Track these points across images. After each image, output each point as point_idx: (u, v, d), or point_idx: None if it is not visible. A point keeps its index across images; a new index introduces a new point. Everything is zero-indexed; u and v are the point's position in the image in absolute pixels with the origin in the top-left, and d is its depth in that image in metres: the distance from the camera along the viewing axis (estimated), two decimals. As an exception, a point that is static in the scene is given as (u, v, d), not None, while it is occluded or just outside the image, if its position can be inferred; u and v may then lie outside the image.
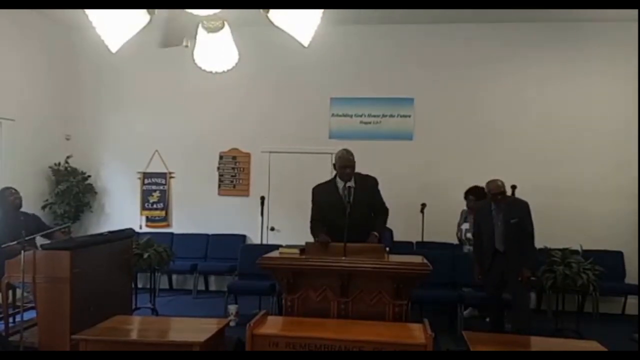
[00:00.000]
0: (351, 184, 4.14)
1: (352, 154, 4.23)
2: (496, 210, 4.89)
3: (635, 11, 5.69)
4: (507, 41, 6.78)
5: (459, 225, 6.09)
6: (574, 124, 6.62)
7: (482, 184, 5.19)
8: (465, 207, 6.09)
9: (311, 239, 4.08)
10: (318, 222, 4.27)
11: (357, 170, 4.26)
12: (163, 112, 7.32)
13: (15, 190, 5.12)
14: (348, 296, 3.62)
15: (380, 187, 4.35)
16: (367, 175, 4.31)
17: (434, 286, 5.20)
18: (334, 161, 4.32)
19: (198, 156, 7.28)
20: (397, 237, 6.29)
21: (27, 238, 4.46)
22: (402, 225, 6.36)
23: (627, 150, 6.45)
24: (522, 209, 4.87)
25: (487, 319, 5.86)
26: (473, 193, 5.92)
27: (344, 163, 4.19)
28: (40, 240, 4.75)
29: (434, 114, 6.89)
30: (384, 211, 4.32)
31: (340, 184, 4.21)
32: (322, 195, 4.31)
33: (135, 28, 2.46)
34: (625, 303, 6.34)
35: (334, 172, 4.34)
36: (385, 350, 3.04)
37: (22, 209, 5.20)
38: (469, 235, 5.87)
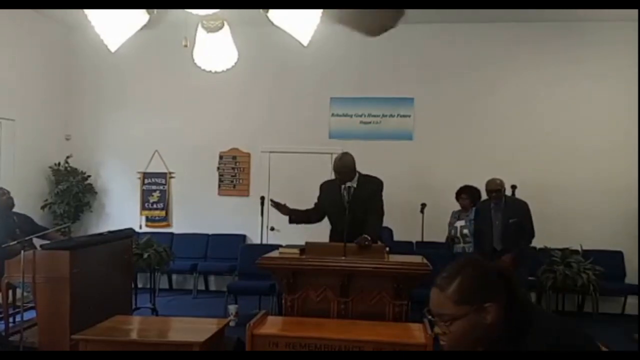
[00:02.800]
0: (352, 184, 4.14)
1: (348, 159, 4.19)
2: (495, 209, 4.90)
3: (635, 11, 5.69)
4: (507, 41, 6.78)
5: (452, 224, 6.08)
6: (574, 123, 6.62)
7: (481, 184, 5.20)
8: (455, 209, 6.11)
9: (311, 239, 4.07)
10: (308, 210, 4.38)
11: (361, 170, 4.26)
12: (163, 112, 7.32)
13: (7, 190, 5.11)
14: (348, 296, 3.62)
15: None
16: (372, 178, 4.27)
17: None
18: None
19: (198, 156, 7.28)
20: (397, 237, 6.29)
21: (26, 238, 4.47)
22: (402, 225, 6.36)
23: (627, 150, 6.44)
24: (521, 208, 4.89)
25: None
26: (465, 192, 5.95)
27: (336, 169, 4.21)
28: (37, 241, 4.76)
29: (434, 114, 6.88)
30: (376, 213, 4.19)
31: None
32: (326, 192, 4.33)
33: (134, 27, 2.45)
34: (625, 303, 6.34)
35: None
36: (385, 350, 3.04)
37: (21, 210, 5.20)
38: (466, 231, 5.89)
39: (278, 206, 4.16)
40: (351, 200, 4.00)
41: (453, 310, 1.43)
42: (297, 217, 4.35)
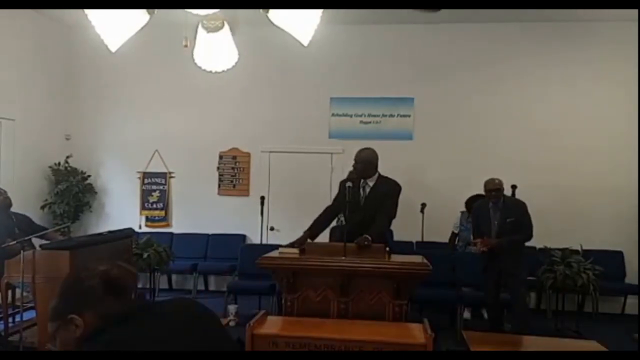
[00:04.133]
0: (350, 183, 4.14)
1: (368, 152, 4.22)
2: (493, 209, 4.90)
3: (635, 11, 5.69)
4: (508, 41, 6.78)
5: (464, 226, 6.04)
6: (574, 123, 6.62)
7: (481, 184, 5.18)
8: (460, 209, 6.09)
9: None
10: (325, 212, 4.34)
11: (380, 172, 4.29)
12: (162, 112, 7.32)
13: (3, 190, 5.11)
14: (348, 296, 3.62)
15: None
16: (390, 180, 4.26)
17: (434, 286, 5.20)
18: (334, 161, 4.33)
19: (198, 156, 7.28)
20: (397, 237, 6.27)
21: (26, 238, 4.46)
22: (402, 225, 6.31)
23: (627, 150, 6.45)
24: (519, 209, 4.88)
25: (485, 315, 5.86)
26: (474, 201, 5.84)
27: (355, 158, 4.25)
28: (37, 241, 4.75)
29: (434, 114, 6.88)
30: (384, 213, 4.15)
31: (361, 181, 4.21)
32: (342, 190, 4.33)
33: (135, 28, 2.45)
34: (625, 303, 6.34)
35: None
36: (385, 350, 3.04)
37: (21, 209, 5.20)
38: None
39: (297, 244, 3.98)
40: (365, 200, 4.03)
41: (49, 327, 1.45)
42: (317, 230, 4.23)
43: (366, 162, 4.20)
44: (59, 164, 7.19)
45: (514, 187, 5.90)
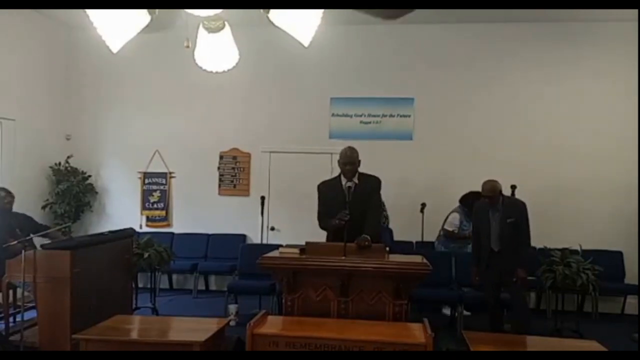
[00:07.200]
0: (351, 184, 4.15)
1: (355, 152, 4.23)
2: (492, 210, 4.88)
3: (635, 11, 5.70)
4: (508, 41, 6.78)
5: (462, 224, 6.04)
6: (573, 123, 6.63)
7: (480, 184, 5.17)
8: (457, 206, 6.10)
9: (311, 239, 4.08)
10: (325, 216, 4.29)
11: (360, 170, 4.28)
12: (163, 112, 7.33)
13: (6, 192, 5.07)
14: (348, 296, 3.62)
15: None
16: (370, 176, 4.30)
17: (434, 286, 5.20)
18: (338, 158, 4.30)
19: (198, 156, 7.28)
20: (397, 237, 6.30)
21: (27, 237, 4.47)
22: (402, 225, 6.38)
23: (627, 150, 6.45)
24: (518, 209, 4.87)
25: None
26: (472, 198, 5.82)
27: (344, 160, 4.21)
28: (38, 240, 4.76)
29: (434, 114, 6.89)
30: (375, 210, 4.22)
31: (344, 181, 4.22)
32: (326, 192, 4.32)
33: (137, 28, 2.46)
34: (624, 303, 6.34)
35: (340, 170, 4.33)
36: (385, 350, 3.05)
37: (22, 209, 5.19)
38: None
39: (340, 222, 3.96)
40: (352, 196, 4.02)
41: None
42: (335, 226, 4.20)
43: (355, 162, 4.22)
44: (60, 164, 7.20)
45: (513, 187, 5.90)
